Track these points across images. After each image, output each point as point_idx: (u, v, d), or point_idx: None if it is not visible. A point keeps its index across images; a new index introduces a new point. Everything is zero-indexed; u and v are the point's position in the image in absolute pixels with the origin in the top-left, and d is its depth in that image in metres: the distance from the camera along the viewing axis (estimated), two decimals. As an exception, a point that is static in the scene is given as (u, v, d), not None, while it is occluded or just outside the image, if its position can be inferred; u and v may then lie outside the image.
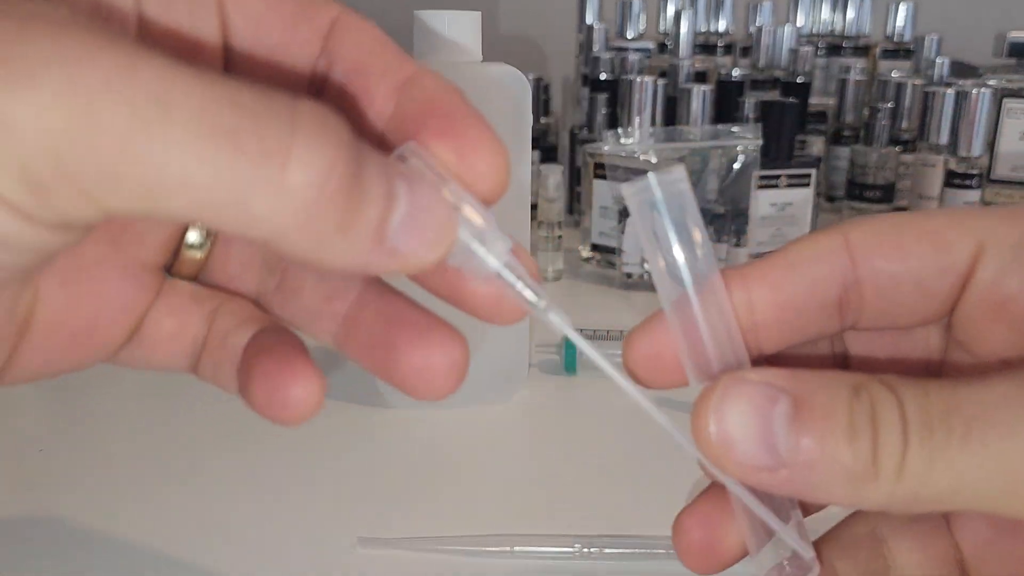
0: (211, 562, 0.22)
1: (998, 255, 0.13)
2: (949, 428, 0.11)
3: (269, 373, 0.13)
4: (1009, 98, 0.50)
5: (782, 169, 0.48)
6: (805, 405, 0.12)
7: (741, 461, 0.12)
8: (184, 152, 0.09)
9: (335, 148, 0.10)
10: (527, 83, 0.29)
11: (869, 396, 0.12)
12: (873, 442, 0.11)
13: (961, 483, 0.11)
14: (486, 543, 0.22)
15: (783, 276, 0.13)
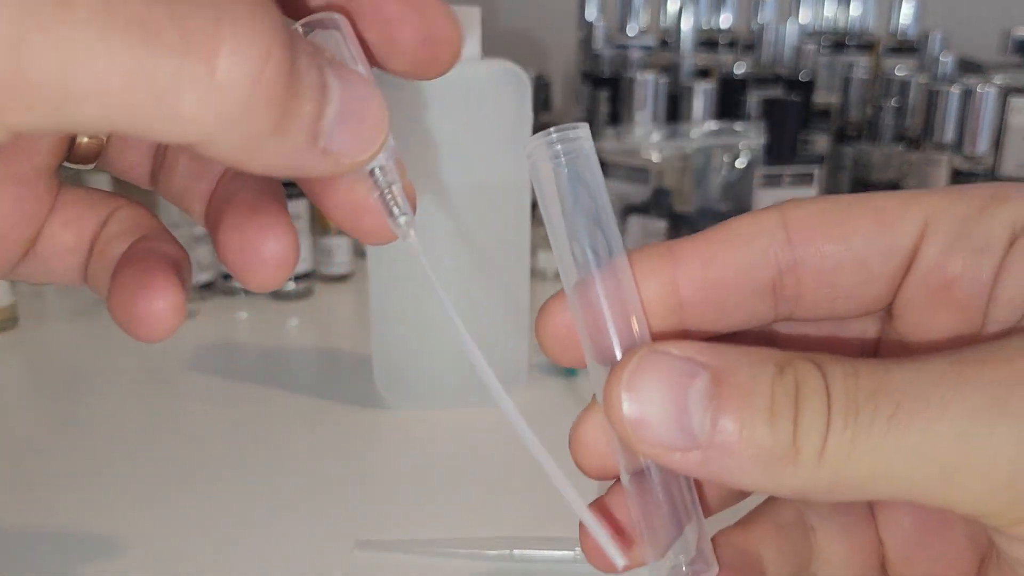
0: (210, 564, 0.22)
1: (944, 232, 0.12)
2: (876, 409, 0.10)
3: (127, 284, 0.13)
4: (1015, 95, 0.49)
5: (785, 167, 0.47)
6: (725, 382, 0.11)
7: (653, 440, 0.11)
8: (92, 51, 0.08)
9: (269, 34, 0.09)
10: (527, 80, 0.28)
11: (794, 374, 0.11)
12: (794, 423, 0.10)
13: (886, 467, 0.10)
14: (485, 546, 0.22)
15: (714, 252, 0.12)
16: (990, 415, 0.10)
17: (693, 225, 0.44)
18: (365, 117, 0.10)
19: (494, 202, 0.29)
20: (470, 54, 0.28)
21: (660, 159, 0.44)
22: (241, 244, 0.12)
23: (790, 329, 0.14)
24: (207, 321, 0.40)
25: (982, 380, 0.10)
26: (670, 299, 0.12)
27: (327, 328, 0.41)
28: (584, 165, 0.12)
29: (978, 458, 0.10)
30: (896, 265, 0.12)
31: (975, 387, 0.10)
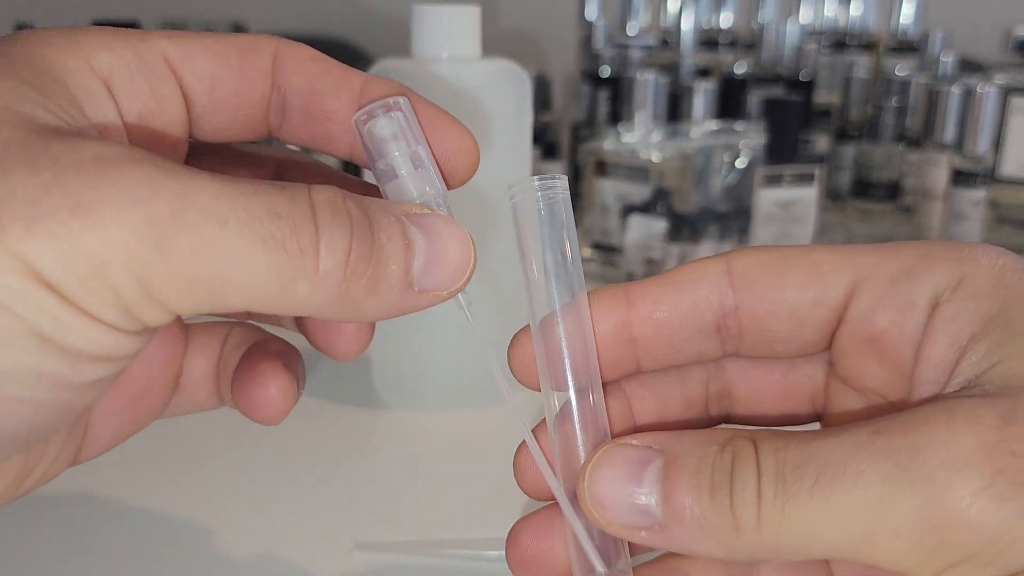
0: (208, 564, 0.22)
1: (872, 290, 0.13)
2: (801, 479, 0.11)
3: (244, 377, 0.15)
4: (1016, 96, 0.49)
5: (786, 167, 0.47)
6: (674, 464, 0.12)
7: (615, 521, 0.12)
8: (241, 261, 0.11)
9: (349, 228, 0.12)
10: (527, 79, 0.28)
11: (732, 451, 0.12)
12: (730, 495, 0.12)
13: (816, 531, 0.11)
14: (485, 546, 0.22)
15: (663, 295, 0.14)
16: (896, 482, 0.11)
17: (693, 225, 0.43)
18: (450, 256, 0.13)
19: (494, 202, 0.29)
20: (470, 53, 0.28)
21: (660, 159, 0.44)
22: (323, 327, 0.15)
23: (747, 378, 0.15)
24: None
25: (891, 449, 0.11)
26: (624, 335, 0.14)
27: (327, 328, 0.41)
28: (560, 211, 0.14)
29: (890, 522, 0.11)
30: (826, 315, 0.14)
31: (885, 456, 0.11)
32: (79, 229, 0.10)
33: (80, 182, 0.10)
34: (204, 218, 0.11)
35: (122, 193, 0.10)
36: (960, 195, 0.50)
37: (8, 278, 0.10)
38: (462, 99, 0.28)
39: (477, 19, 0.28)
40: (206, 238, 0.11)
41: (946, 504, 0.11)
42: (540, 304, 0.14)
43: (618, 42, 0.66)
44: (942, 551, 0.11)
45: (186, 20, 0.61)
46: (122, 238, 0.10)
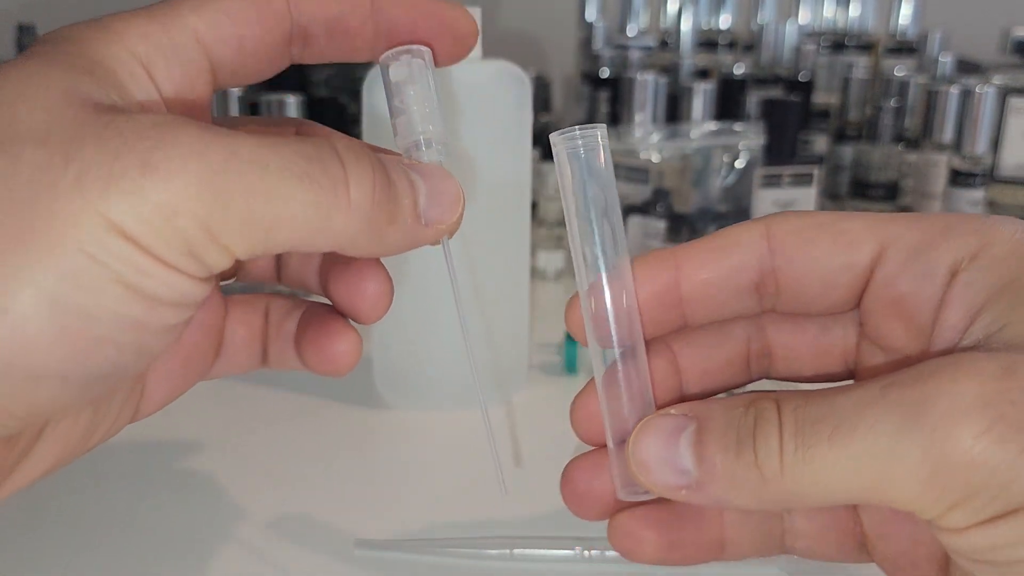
0: (209, 563, 0.22)
1: (896, 258, 0.15)
2: (819, 431, 0.13)
3: (313, 339, 0.17)
4: (1014, 96, 0.49)
5: (785, 167, 0.47)
6: (706, 427, 0.14)
7: (657, 481, 0.14)
8: (284, 199, 0.12)
9: (371, 167, 0.14)
10: (527, 80, 0.28)
11: (755, 411, 0.14)
12: (754, 451, 0.13)
13: (834, 478, 0.13)
14: (485, 545, 0.22)
15: (708, 258, 0.15)
16: (905, 431, 0.12)
17: (692, 225, 0.44)
18: (445, 194, 0.15)
19: (494, 202, 0.29)
20: (471, 55, 0.28)
21: (660, 159, 0.44)
22: (348, 290, 0.17)
23: (785, 339, 0.17)
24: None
25: (901, 401, 0.12)
26: (672, 294, 0.16)
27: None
28: (596, 159, 0.15)
29: (900, 466, 0.12)
30: (854, 279, 0.15)
31: (895, 407, 0.12)
32: (148, 185, 0.12)
33: (144, 145, 0.12)
34: (249, 166, 0.12)
35: (180, 150, 0.12)
36: (958, 195, 0.50)
37: (94, 233, 0.11)
38: (463, 100, 0.28)
39: (477, 20, 0.28)
40: (253, 182, 0.12)
41: (950, 448, 0.12)
42: (584, 258, 0.15)
43: (618, 43, 0.67)
44: (948, 491, 0.12)
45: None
46: (185, 188, 0.12)
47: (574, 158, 0.15)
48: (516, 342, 0.31)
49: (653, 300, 0.15)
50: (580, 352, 0.34)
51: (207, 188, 0.12)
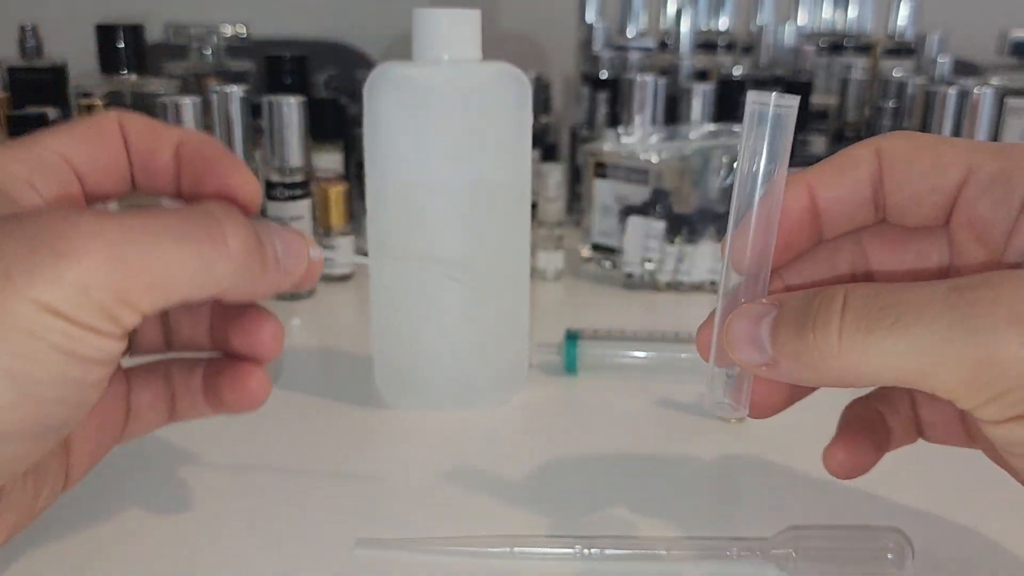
0: (210, 562, 0.22)
1: (978, 184, 0.17)
2: (882, 318, 0.15)
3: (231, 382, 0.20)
4: (1012, 97, 0.49)
5: (783, 168, 0.47)
6: (783, 312, 0.16)
7: (742, 357, 0.17)
8: (175, 260, 0.16)
9: (243, 224, 0.17)
10: (527, 82, 0.28)
11: (823, 297, 0.16)
12: (814, 330, 0.15)
13: (889, 361, 0.14)
14: (486, 544, 0.22)
15: (835, 177, 0.18)
16: (961, 329, 0.14)
17: (692, 225, 0.44)
18: (294, 247, 0.18)
19: (495, 203, 0.29)
20: (471, 56, 0.28)
21: (659, 160, 0.44)
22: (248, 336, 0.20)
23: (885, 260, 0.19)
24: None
25: (962, 302, 0.14)
26: (812, 210, 0.18)
27: (328, 328, 0.41)
28: (786, 123, 0.18)
29: (951, 358, 0.14)
30: (943, 198, 0.18)
31: (955, 307, 0.14)
32: (64, 268, 0.14)
33: (52, 235, 0.14)
34: (142, 235, 0.15)
35: (82, 234, 0.14)
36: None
37: (30, 315, 0.14)
38: (463, 101, 0.28)
39: (477, 22, 0.28)
40: (148, 249, 0.15)
41: (997, 348, 0.14)
42: (743, 196, 0.18)
43: (617, 44, 0.67)
44: (989, 385, 0.14)
45: (188, 24, 0.62)
46: (93, 266, 0.14)
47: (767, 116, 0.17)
48: (516, 342, 0.31)
49: (798, 217, 0.18)
50: (580, 352, 0.34)
51: (111, 262, 0.15)
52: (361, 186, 0.45)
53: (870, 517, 0.24)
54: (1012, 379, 0.14)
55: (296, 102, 0.41)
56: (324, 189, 0.44)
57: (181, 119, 0.41)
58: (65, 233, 0.14)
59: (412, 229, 0.29)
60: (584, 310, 0.43)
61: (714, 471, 0.27)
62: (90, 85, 0.53)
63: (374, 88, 0.27)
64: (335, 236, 0.45)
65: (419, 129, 0.28)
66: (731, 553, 0.22)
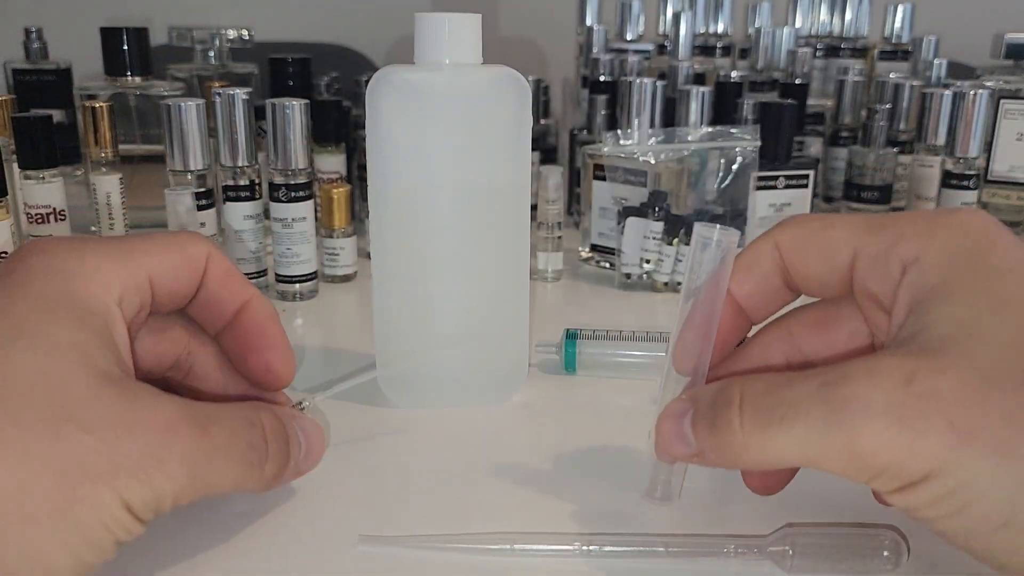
0: (211, 560, 0.22)
1: (864, 263, 0.19)
2: (771, 416, 0.17)
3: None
4: (1006, 99, 0.50)
5: (780, 170, 0.48)
6: (697, 411, 0.19)
7: (673, 451, 0.19)
8: (229, 477, 0.19)
9: (282, 452, 0.21)
10: (527, 85, 0.29)
11: (721, 397, 0.18)
12: (722, 429, 0.18)
13: (785, 451, 0.17)
14: (486, 541, 0.23)
15: (744, 276, 0.21)
16: (832, 423, 0.16)
17: (689, 226, 0.44)
18: (315, 452, 0.23)
19: (495, 205, 0.30)
20: (472, 60, 0.28)
21: (657, 162, 0.45)
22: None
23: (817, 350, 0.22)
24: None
25: (830, 398, 0.16)
26: (733, 306, 0.21)
27: (331, 327, 0.41)
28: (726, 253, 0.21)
29: (830, 451, 0.16)
30: (841, 277, 0.20)
31: (825, 403, 0.16)
32: (157, 479, 0.17)
33: (141, 444, 0.16)
34: (217, 460, 0.18)
35: (177, 455, 0.17)
36: (952, 197, 0.50)
37: (112, 511, 0.16)
38: (464, 104, 0.28)
39: (478, 27, 0.28)
40: (219, 471, 0.18)
41: (862, 439, 0.16)
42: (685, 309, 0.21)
43: (616, 48, 0.67)
44: (865, 468, 0.16)
45: (192, 27, 0.62)
46: (179, 483, 0.17)
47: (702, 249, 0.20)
48: (516, 342, 0.31)
49: (727, 316, 0.21)
50: (579, 351, 0.34)
51: (191, 480, 0.17)
52: (363, 188, 0.45)
53: (866, 515, 0.25)
54: (881, 464, 0.16)
55: (299, 105, 0.41)
56: (327, 191, 0.45)
57: (183, 120, 0.41)
58: (154, 445, 0.16)
59: (414, 230, 0.29)
60: (583, 310, 0.44)
61: (712, 469, 0.27)
62: (94, 87, 0.53)
63: (376, 91, 0.28)
64: (337, 237, 0.45)
65: (421, 132, 0.28)
66: (729, 550, 0.22)
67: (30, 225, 0.44)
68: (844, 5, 0.70)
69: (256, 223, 0.43)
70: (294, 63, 0.56)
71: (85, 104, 0.48)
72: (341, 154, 0.51)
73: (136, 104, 0.53)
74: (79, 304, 0.17)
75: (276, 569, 0.22)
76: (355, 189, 0.51)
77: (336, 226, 0.45)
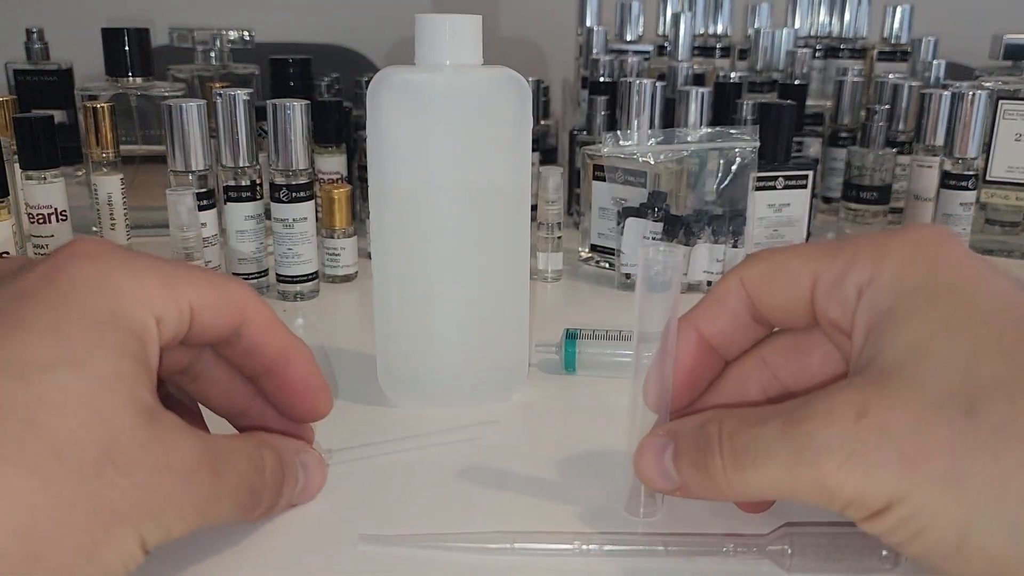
0: (212, 559, 0.22)
1: (822, 290, 0.19)
2: (745, 456, 0.18)
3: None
4: (1005, 100, 0.50)
5: (779, 171, 0.48)
6: (679, 446, 0.19)
7: (654, 486, 0.20)
8: (225, 516, 0.19)
9: (276, 493, 0.21)
10: (527, 86, 0.29)
11: (705, 433, 0.19)
12: (705, 466, 0.18)
13: (763, 487, 0.18)
14: (487, 540, 0.23)
15: (712, 314, 0.21)
16: (797, 462, 0.17)
17: (688, 227, 0.44)
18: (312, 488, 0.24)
19: (496, 205, 0.30)
20: (472, 61, 0.28)
21: (657, 162, 0.45)
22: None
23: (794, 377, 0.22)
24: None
25: (793, 437, 0.17)
26: (703, 346, 0.22)
27: (332, 327, 0.41)
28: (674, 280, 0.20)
29: (799, 487, 0.17)
30: (804, 305, 0.20)
31: (789, 442, 0.17)
32: (171, 525, 0.17)
33: (166, 488, 0.17)
34: (225, 507, 0.19)
35: (189, 505, 0.18)
36: (950, 197, 0.50)
37: (134, 552, 0.17)
38: (464, 105, 0.28)
39: (479, 27, 0.28)
40: (220, 512, 0.19)
41: (824, 476, 0.17)
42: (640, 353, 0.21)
43: (616, 49, 0.67)
44: (833, 501, 0.17)
45: (193, 28, 0.62)
46: (188, 527, 0.18)
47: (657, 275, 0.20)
48: (516, 342, 0.31)
49: (695, 354, 0.21)
50: (579, 351, 0.34)
51: (199, 521, 0.18)
52: (364, 188, 0.45)
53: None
54: (845, 497, 0.17)
55: (300, 105, 0.41)
56: (328, 191, 0.45)
57: (185, 121, 0.42)
58: (184, 490, 0.17)
59: (414, 231, 0.29)
60: (583, 310, 0.44)
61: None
62: (96, 88, 0.53)
63: (377, 92, 0.28)
64: (338, 238, 0.45)
65: (421, 132, 0.28)
66: (728, 549, 0.22)
67: (31, 225, 0.44)
68: (843, 6, 0.70)
69: (257, 223, 0.43)
70: (295, 64, 0.57)
71: (86, 104, 0.48)
72: (342, 155, 0.51)
73: (137, 105, 0.53)
74: (123, 325, 0.17)
75: (276, 569, 0.22)
76: (356, 189, 0.51)
77: (337, 226, 0.45)
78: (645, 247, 0.21)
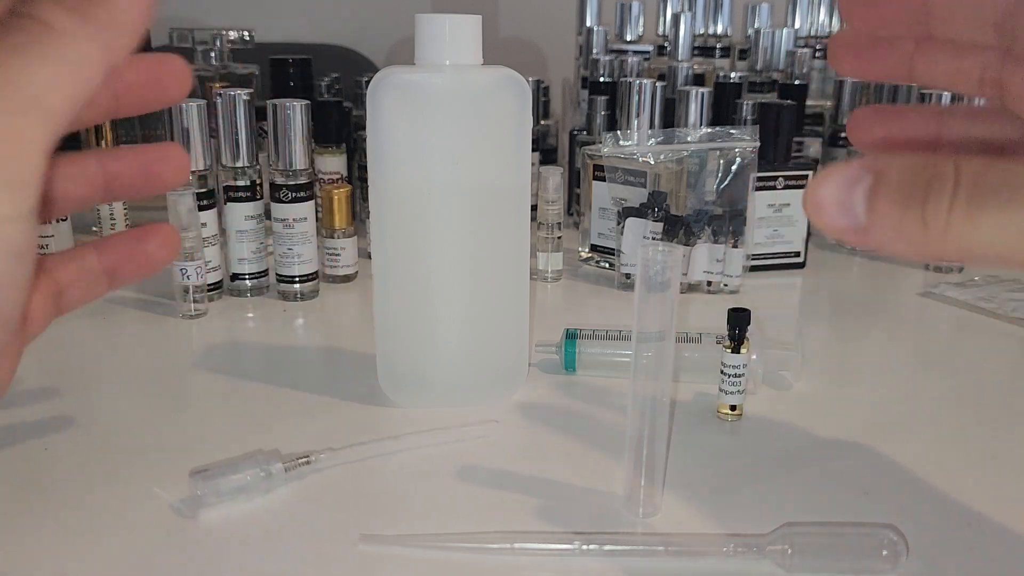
0: (213, 558, 0.22)
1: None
2: (997, 195, 0.14)
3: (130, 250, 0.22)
4: (1005, 100, 0.50)
5: (779, 171, 0.48)
6: (881, 180, 0.15)
7: (828, 222, 0.16)
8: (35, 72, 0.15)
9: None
10: (527, 86, 0.29)
11: (932, 169, 0.15)
12: (923, 206, 0.15)
13: (996, 239, 0.14)
14: (487, 540, 0.23)
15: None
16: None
17: (688, 227, 0.44)
18: None
19: (496, 205, 0.30)
20: (472, 61, 0.28)
21: (657, 162, 0.45)
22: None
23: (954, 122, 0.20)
24: (215, 321, 0.41)
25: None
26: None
27: (332, 327, 0.41)
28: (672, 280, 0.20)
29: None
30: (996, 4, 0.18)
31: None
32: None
33: None
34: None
35: None
36: (951, 198, 0.50)
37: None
38: (465, 105, 0.28)
39: (479, 28, 0.28)
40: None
41: None
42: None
43: (616, 49, 0.67)
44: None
45: (194, 28, 0.62)
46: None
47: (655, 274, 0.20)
48: (516, 342, 0.31)
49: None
50: (579, 351, 0.34)
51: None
52: (364, 188, 0.45)
53: (865, 514, 0.25)
54: None
55: (300, 106, 0.41)
56: (328, 191, 0.45)
57: (185, 121, 0.42)
58: None
59: (414, 230, 0.29)
60: (582, 310, 0.44)
61: (711, 468, 0.28)
62: (94, 88, 0.53)
63: (377, 92, 0.28)
64: (338, 238, 0.45)
65: (421, 132, 0.28)
66: (728, 549, 0.22)
67: (31, 225, 0.44)
68: (843, 6, 0.70)
69: (257, 223, 0.43)
70: (295, 64, 0.56)
71: (86, 105, 0.48)
72: (342, 155, 0.51)
73: (137, 105, 0.53)
74: None
75: (276, 568, 0.22)
76: (356, 189, 0.51)
77: (337, 226, 0.45)
78: (644, 247, 0.21)
